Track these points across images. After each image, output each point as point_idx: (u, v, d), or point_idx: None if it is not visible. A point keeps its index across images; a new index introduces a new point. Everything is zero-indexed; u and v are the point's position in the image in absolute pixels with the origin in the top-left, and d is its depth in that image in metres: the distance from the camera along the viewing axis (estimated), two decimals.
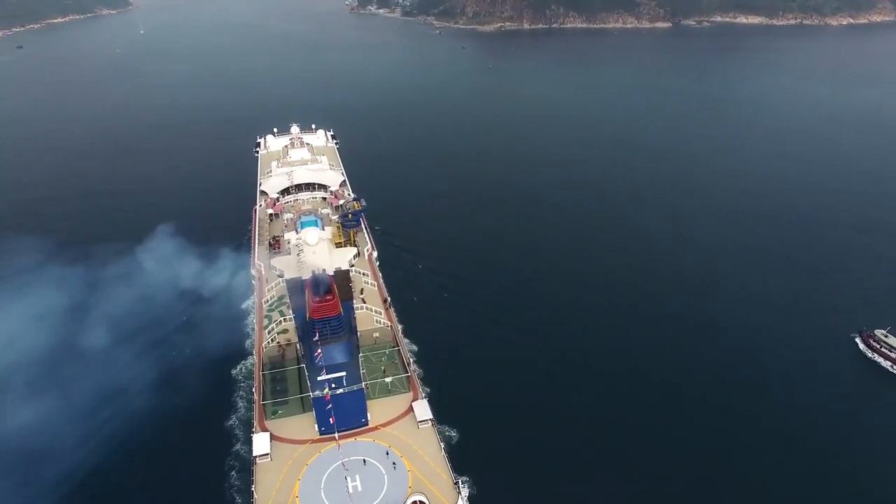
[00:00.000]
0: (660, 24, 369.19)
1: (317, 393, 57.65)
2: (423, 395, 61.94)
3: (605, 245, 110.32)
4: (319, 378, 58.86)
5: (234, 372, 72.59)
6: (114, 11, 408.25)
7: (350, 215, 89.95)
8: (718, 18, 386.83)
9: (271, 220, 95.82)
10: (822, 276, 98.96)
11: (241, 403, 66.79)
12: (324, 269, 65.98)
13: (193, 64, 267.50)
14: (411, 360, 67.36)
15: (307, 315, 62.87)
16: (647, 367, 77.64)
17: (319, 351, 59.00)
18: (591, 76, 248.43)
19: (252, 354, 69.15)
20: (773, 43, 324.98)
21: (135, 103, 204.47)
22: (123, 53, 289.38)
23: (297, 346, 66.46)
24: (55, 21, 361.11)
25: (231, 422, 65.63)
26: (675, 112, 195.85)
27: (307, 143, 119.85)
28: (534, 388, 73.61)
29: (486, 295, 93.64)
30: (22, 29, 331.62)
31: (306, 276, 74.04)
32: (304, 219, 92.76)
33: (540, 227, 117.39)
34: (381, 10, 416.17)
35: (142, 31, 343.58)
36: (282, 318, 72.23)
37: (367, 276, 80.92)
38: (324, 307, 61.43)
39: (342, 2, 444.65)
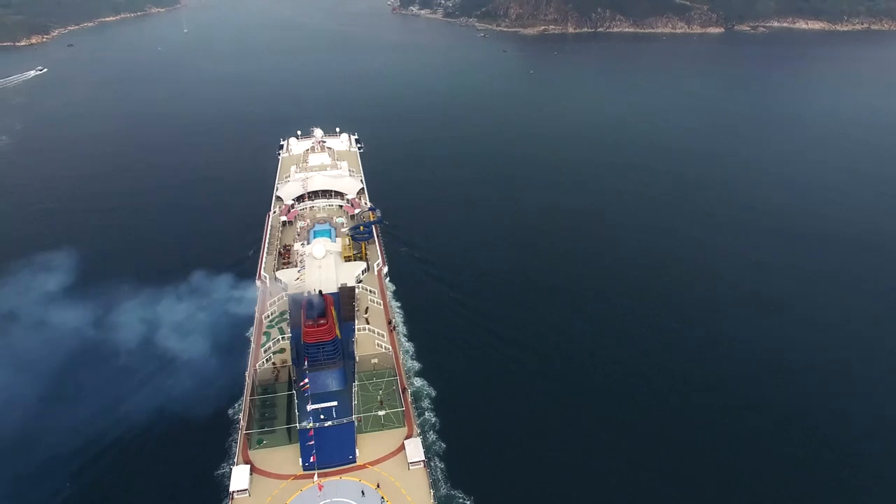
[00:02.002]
0: (712, 30, 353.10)
1: (304, 424, 53.74)
2: (419, 432, 57.14)
3: (657, 267, 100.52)
4: (309, 408, 54.97)
5: (230, 412, 65.14)
6: (163, 10, 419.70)
7: (362, 227, 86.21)
8: (776, 24, 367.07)
9: (284, 228, 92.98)
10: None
11: (234, 449, 60.29)
12: (319, 291, 61.79)
13: (230, 63, 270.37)
14: (409, 391, 62.38)
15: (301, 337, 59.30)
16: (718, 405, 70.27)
17: (306, 380, 55.03)
18: (636, 84, 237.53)
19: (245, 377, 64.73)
20: (837, 50, 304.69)
21: (167, 103, 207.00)
22: (165, 51, 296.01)
23: (291, 368, 62.66)
24: (107, 20, 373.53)
25: (222, 470, 58.48)
26: (728, 124, 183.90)
27: (328, 148, 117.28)
28: (559, 446, 63.74)
29: (518, 327, 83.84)
30: (76, 27, 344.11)
31: (313, 290, 70.63)
32: (317, 227, 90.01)
33: (585, 244, 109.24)
34: (422, 11, 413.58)
35: (185, 30, 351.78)
36: (280, 337, 68.65)
37: (375, 293, 76.63)
38: (317, 332, 57.64)
39: (384, 2, 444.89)
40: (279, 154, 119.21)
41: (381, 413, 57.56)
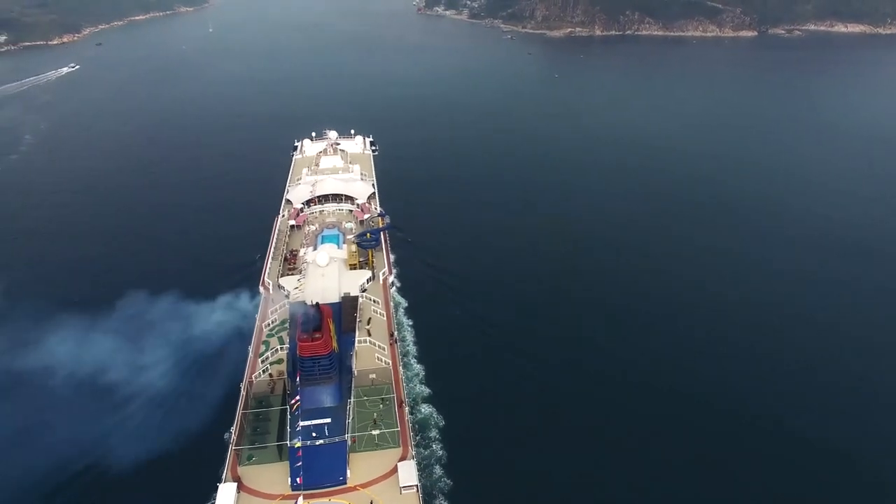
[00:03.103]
0: (744, 33, 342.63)
1: (294, 442, 51.72)
2: (413, 453, 54.49)
3: (697, 291, 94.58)
4: (301, 423, 52.97)
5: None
6: (191, 9, 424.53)
7: (369, 234, 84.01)
8: (812, 27, 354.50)
9: (292, 232, 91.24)
10: None
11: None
12: (316, 304, 59.55)
13: (251, 62, 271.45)
14: (407, 409, 59.71)
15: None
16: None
17: (297, 398, 52.92)
18: (663, 89, 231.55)
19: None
20: (879, 55, 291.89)
21: (186, 102, 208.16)
22: (188, 50, 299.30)
23: (286, 381, 60.64)
24: (137, 18, 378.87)
25: (212, 501, 55.51)
26: (759, 130, 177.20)
27: (342, 150, 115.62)
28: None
29: (543, 351, 78.41)
30: (106, 26, 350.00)
31: (312, 300, 68.66)
32: (325, 232, 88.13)
33: (611, 253, 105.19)
34: (447, 12, 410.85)
35: (210, 30, 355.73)
36: (279, 347, 66.81)
37: (378, 303, 74.25)
38: (312, 346, 55.45)
39: (410, 2, 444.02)
40: (293, 155, 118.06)
41: (376, 433, 55.20)
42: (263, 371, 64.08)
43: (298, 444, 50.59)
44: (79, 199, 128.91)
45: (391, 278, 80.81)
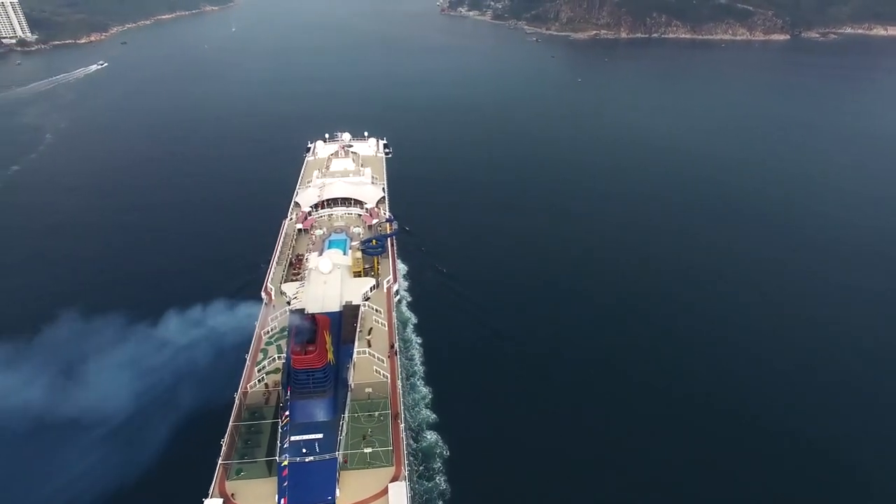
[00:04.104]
0: (776, 37, 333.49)
1: (281, 459, 49.79)
2: (406, 473, 52.07)
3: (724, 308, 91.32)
4: (291, 438, 51.04)
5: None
6: (216, 8, 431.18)
7: (375, 241, 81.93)
8: (849, 30, 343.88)
9: (299, 236, 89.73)
10: None
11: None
12: (312, 315, 57.65)
13: (270, 62, 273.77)
14: (403, 426, 57.35)
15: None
16: None
17: (287, 413, 51.02)
18: (691, 97, 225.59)
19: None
20: None
21: (204, 101, 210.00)
22: (210, 49, 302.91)
23: (280, 392, 58.81)
24: (163, 17, 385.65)
25: None
26: (786, 138, 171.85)
27: (353, 153, 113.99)
28: None
29: (562, 377, 74.91)
30: (133, 25, 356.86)
31: (313, 308, 66.99)
32: (333, 237, 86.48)
33: (637, 263, 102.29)
34: (471, 13, 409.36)
35: (233, 29, 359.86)
36: (277, 356, 65.04)
37: (381, 313, 72.00)
38: (304, 359, 53.51)
39: (434, 3, 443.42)
40: (305, 157, 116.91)
41: (368, 450, 52.94)
42: (259, 381, 62.34)
43: (286, 462, 48.55)
44: (84, 200, 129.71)
45: (396, 287, 78.50)
